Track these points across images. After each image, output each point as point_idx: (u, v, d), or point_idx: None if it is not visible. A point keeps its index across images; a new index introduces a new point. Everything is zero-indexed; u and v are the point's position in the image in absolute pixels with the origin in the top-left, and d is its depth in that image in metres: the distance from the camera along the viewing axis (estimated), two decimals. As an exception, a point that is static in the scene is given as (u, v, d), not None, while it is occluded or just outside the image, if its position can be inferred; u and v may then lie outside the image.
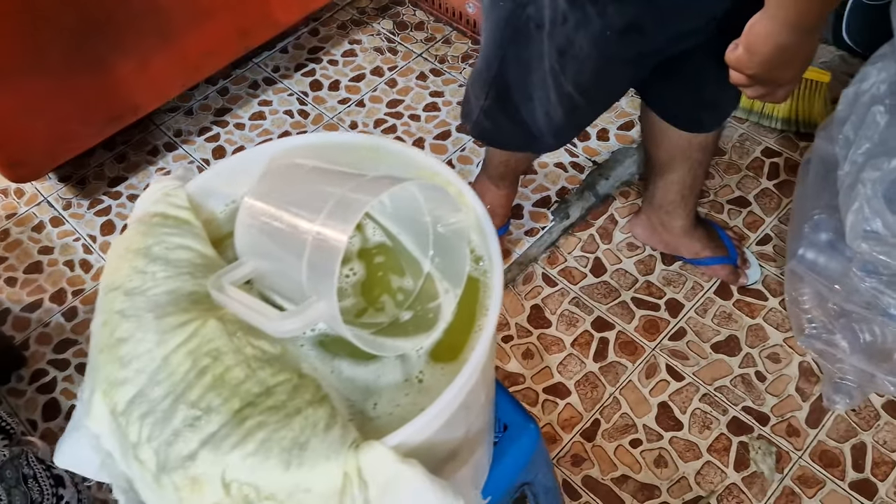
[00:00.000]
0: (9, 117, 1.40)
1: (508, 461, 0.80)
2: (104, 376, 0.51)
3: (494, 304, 0.54)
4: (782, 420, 1.34)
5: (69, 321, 1.51)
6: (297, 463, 0.47)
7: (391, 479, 0.48)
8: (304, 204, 0.54)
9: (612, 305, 1.48)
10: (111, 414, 0.51)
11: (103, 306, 0.54)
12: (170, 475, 0.47)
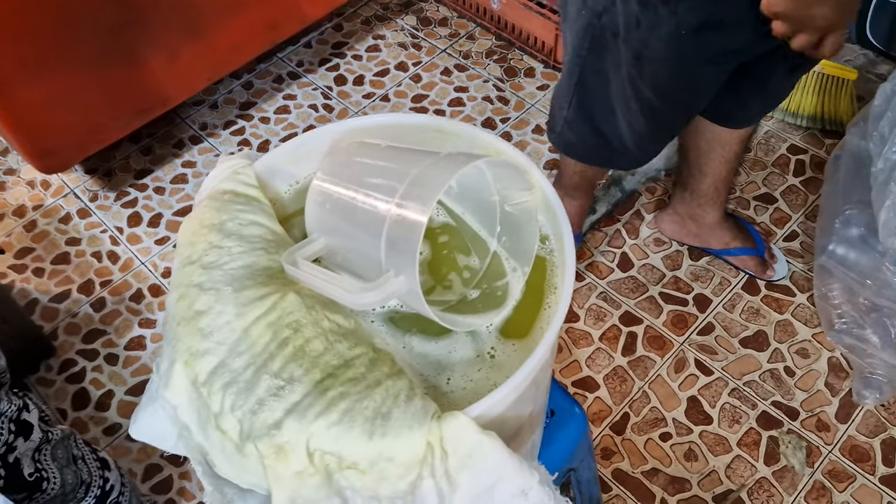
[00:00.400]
0: (41, 108, 1.41)
1: (557, 446, 0.81)
2: (185, 347, 0.51)
3: (567, 282, 0.54)
4: (812, 415, 1.34)
5: (97, 312, 1.52)
6: (381, 432, 0.48)
7: (472, 450, 0.48)
8: (378, 182, 0.54)
9: (639, 300, 1.48)
10: (192, 384, 0.51)
11: (180, 280, 0.54)
12: (255, 443, 0.48)
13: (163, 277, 1.55)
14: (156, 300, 1.52)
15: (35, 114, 1.41)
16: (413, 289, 0.50)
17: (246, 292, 0.52)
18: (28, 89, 1.37)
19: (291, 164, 0.65)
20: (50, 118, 1.44)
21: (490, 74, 1.86)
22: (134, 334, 1.48)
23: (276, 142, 1.77)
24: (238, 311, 0.52)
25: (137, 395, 1.40)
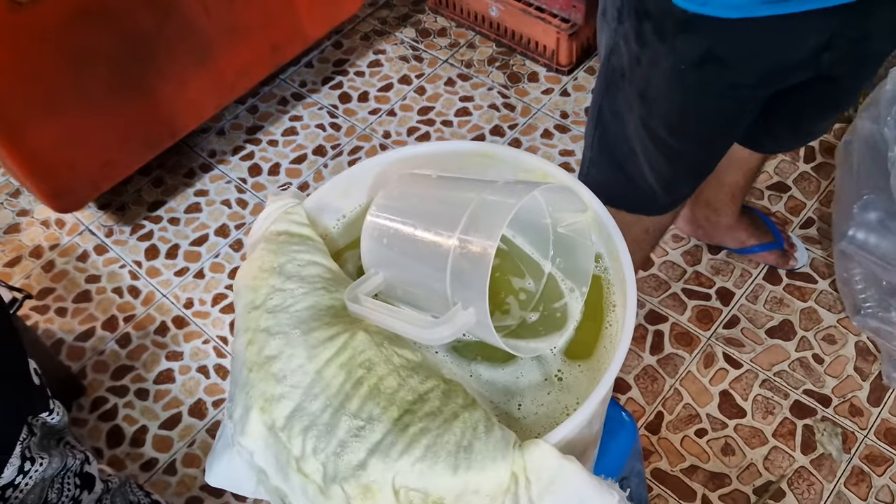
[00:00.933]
0: (54, 149, 1.41)
1: (610, 457, 0.81)
2: (259, 393, 0.51)
3: (630, 300, 0.55)
4: (844, 400, 1.34)
5: (123, 348, 1.52)
6: (466, 465, 0.48)
7: (554, 476, 0.48)
8: (437, 214, 0.54)
9: (663, 298, 1.49)
10: (269, 430, 0.51)
11: (247, 325, 0.54)
12: (341, 485, 0.48)
13: (185, 308, 1.56)
14: (181, 332, 1.53)
15: (48, 154, 1.42)
16: (483, 321, 0.51)
17: (314, 334, 0.53)
18: (40, 130, 1.37)
19: (339, 199, 0.65)
20: (63, 158, 1.44)
21: (494, 82, 1.87)
22: (162, 368, 1.48)
23: (286, 164, 1.77)
24: (309, 354, 0.52)
25: (171, 429, 1.40)
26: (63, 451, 0.79)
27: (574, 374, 0.57)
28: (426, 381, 0.53)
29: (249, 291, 0.56)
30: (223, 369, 1.47)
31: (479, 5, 1.90)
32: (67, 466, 0.76)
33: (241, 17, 1.55)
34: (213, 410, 1.42)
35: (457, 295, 0.52)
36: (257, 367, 0.53)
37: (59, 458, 0.76)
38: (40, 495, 0.73)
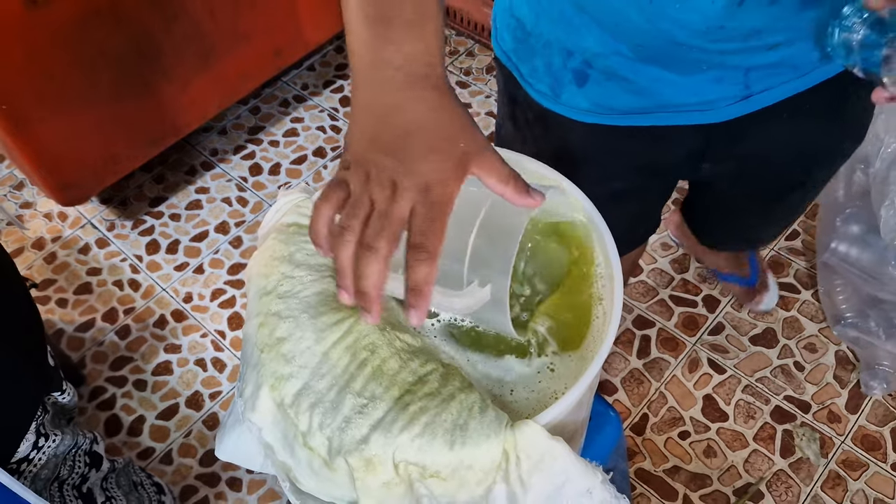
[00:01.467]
0: (61, 142, 1.45)
1: (595, 449, 0.85)
2: (270, 372, 0.55)
3: (618, 294, 0.59)
4: (823, 407, 1.39)
5: (123, 339, 1.55)
6: (461, 442, 0.52)
7: (543, 454, 0.52)
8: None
9: (650, 304, 1.53)
10: (278, 407, 0.55)
11: (258, 309, 0.58)
12: (345, 458, 0.52)
13: (184, 302, 1.59)
14: (179, 325, 1.56)
15: (55, 148, 1.45)
16: (499, 296, 0.54)
17: (322, 318, 0.57)
18: (47, 125, 1.41)
19: (346, 195, 0.69)
20: (69, 151, 1.48)
21: (492, 90, 1.91)
22: (160, 359, 1.51)
23: (286, 164, 1.81)
24: (317, 337, 0.56)
25: (168, 420, 1.43)
26: (74, 430, 0.83)
27: (566, 364, 0.61)
28: (426, 365, 0.56)
29: (261, 278, 0.60)
30: (220, 362, 1.51)
31: (480, 15, 1.95)
32: (78, 444, 0.80)
33: (245, 21, 1.59)
34: (210, 402, 1.46)
35: (474, 274, 0.55)
36: (268, 348, 0.56)
37: (71, 435, 0.80)
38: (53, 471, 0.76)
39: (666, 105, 0.73)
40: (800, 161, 0.86)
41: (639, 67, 0.70)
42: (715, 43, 0.65)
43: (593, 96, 0.75)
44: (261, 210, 1.74)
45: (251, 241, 1.68)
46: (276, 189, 1.78)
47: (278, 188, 1.78)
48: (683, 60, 0.68)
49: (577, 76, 0.74)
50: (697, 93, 0.72)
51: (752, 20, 0.63)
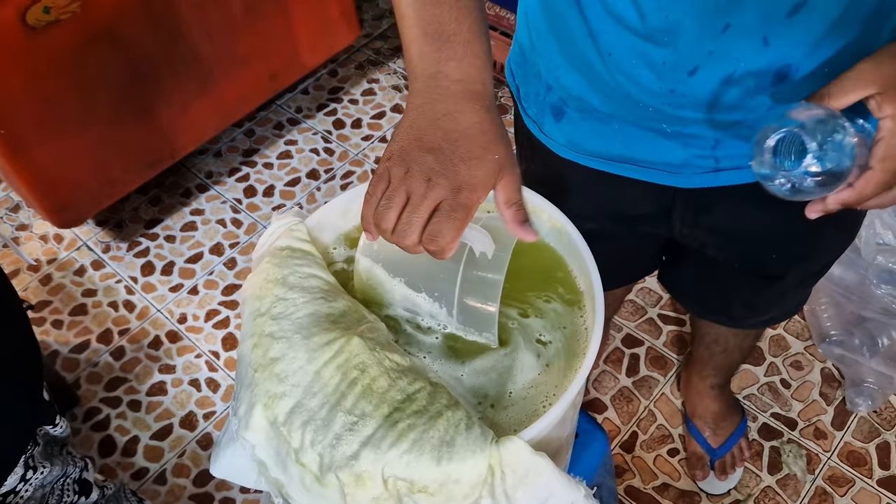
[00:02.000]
0: (58, 165, 1.47)
1: (582, 465, 0.87)
2: (263, 391, 0.57)
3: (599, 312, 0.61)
4: (809, 424, 1.41)
5: (117, 360, 1.56)
6: (448, 458, 0.54)
7: (528, 469, 0.54)
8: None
9: (639, 322, 1.56)
10: (271, 425, 0.57)
11: (252, 330, 0.60)
12: (335, 473, 0.54)
13: (179, 323, 1.61)
14: (174, 346, 1.57)
15: (53, 171, 1.47)
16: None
17: (314, 339, 0.59)
18: (45, 148, 1.43)
19: (338, 219, 0.71)
20: (66, 175, 1.50)
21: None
22: (155, 380, 1.53)
23: (280, 186, 1.84)
24: (309, 357, 0.58)
25: (162, 440, 1.44)
26: (65, 458, 0.84)
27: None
28: (414, 383, 0.59)
29: (255, 300, 0.62)
30: (214, 382, 1.52)
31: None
32: (67, 474, 0.81)
33: (243, 45, 1.62)
34: (204, 422, 1.47)
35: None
36: (262, 367, 0.58)
37: (60, 465, 0.81)
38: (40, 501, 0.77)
39: (634, 158, 0.74)
40: (773, 250, 0.84)
41: (608, 116, 0.72)
42: (672, 107, 0.67)
43: (567, 133, 0.77)
44: (255, 231, 1.76)
45: (245, 262, 1.70)
46: (271, 211, 1.80)
47: (272, 210, 1.80)
48: (646, 118, 0.69)
49: (554, 111, 0.77)
50: (663, 153, 0.72)
51: (703, 91, 0.64)
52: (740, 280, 0.93)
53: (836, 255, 0.92)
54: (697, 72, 0.63)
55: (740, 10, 0.58)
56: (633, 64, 0.65)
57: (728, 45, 0.61)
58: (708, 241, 0.86)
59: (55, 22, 1.29)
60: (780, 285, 0.92)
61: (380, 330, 0.63)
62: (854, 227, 0.89)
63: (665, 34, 0.62)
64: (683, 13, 0.60)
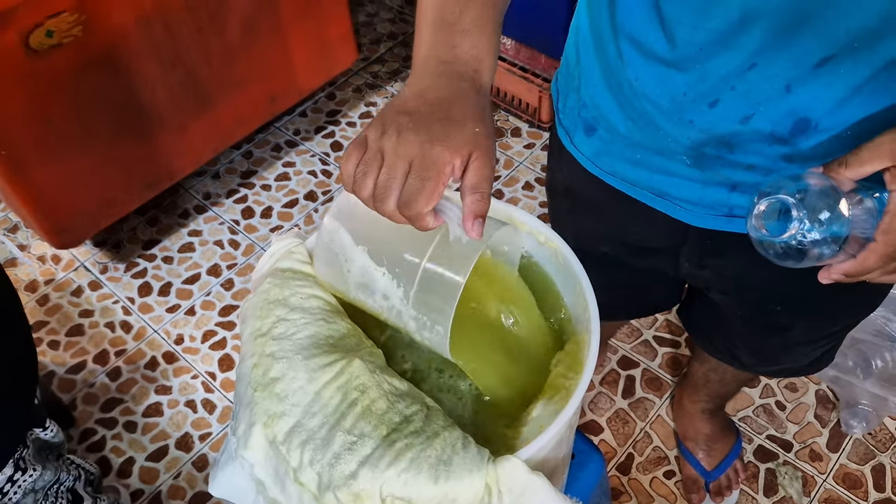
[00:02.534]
0: (58, 187, 1.48)
1: (579, 486, 0.87)
2: (263, 410, 0.58)
3: (594, 336, 0.62)
4: (805, 446, 1.41)
5: (113, 381, 1.56)
6: (445, 477, 0.54)
7: (524, 489, 0.55)
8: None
9: (635, 344, 1.56)
10: (270, 444, 0.57)
11: (253, 350, 0.61)
12: (334, 492, 0.54)
13: (175, 344, 1.61)
14: (170, 367, 1.57)
15: (52, 193, 1.48)
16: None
17: (315, 359, 0.59)
18: (45, 170, 1.44)
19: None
20: (66, 196, 1.51)
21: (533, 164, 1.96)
22: (151, 401, 1.53)
23: (278, 208, 1.85)
24: (309, 377, 0.58)
25: (157, 461, 1.44)
26: (59, 465, 0.84)
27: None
28: (411, 406, 0.59)
29: (256, 320, 0.63)
30: (210, 403, 1.52)
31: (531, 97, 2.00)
32: (61, 481, 0.81)
33: (241, 69, 1.64)
34: (200, 444, 1.46)
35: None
36: (262, 387, 0.59)
37: (53, 471, 0.81)
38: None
39: (653, 187, 0.75)
40: (778, 302, 0.84)
41: (634, 143, 0.73)
42: (692, 140, 0.68)
43: (596, 149, 0.79)
44: (252, 253, 1.77)
45: (243, 283, 1.71)
46: (268, 232, 1.81)
47: (270, 231, 1.81)
48: (668, 149, 0.70)
49: (586, 126, 0.79)
50: (682, 188, 0.73)
51: (722, 127, 0.65)
52: (744, 327, 0.94)
53: (855, 318, 0.90)
54: (718, 105, 0.64)
55: (769, 52, 0.59)
56: (658, 92, 0.66)
57: (752, 84, 0.62)
58: (713, 283, 0.86)
59: (57, 45, 1.31)
60: (785, 337, 0.91)
61: (378, 353, 0.64)
62: (877, 294, 0.86)
63: (693, 62, 0.63)
64: (716, 45, 0.61)
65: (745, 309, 0.89)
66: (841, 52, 0.57)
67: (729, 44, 0.60)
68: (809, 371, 1.04)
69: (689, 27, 0.62)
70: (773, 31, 0.58)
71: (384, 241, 0.60)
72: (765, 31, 0.58)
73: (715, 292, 0.89)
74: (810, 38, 0.57)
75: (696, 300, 1.02)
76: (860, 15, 0.55)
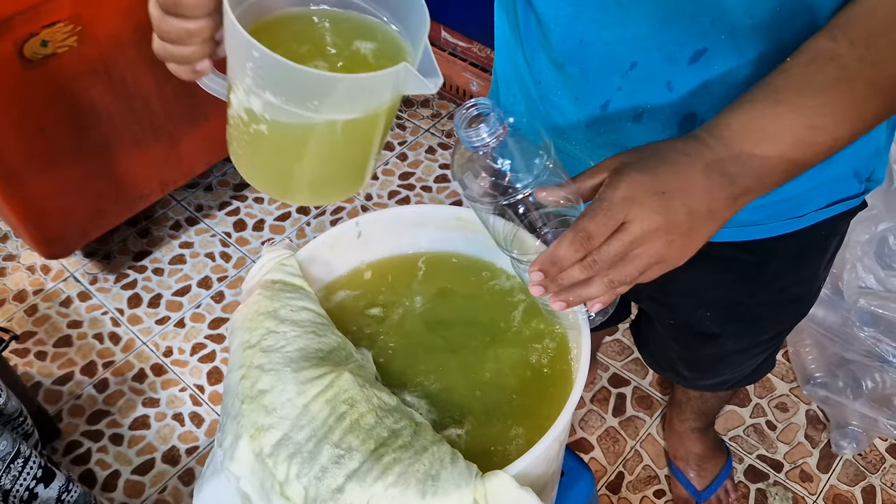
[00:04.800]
0: (48, 198, 1.47)
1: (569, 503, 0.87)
2: (250, 423, 0.57)
3: (585, 351, 0.62)
4: (795, 466, 1.41)
5: (101, 393, 1.55)
6: (433, 491, 0.54)
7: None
8: None
9: (626, 362, 1.56)
10: (256, 457, 0.57)
11: (241, 362, 0.61)
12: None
13: (164, 356, 1.60)
14: (158, 379, 1.56)
15: (43, 203, 1.47)
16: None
17: (304, 372, 0.59)
18: (37, 179, 1.43)
19: (328, 252, 0.72)
20: (57, 206, 1.50)
21: (472, 152, 1.97)
22: (138, 414, 1.51)
23: (270, 221, 1.84)
24: (298, 390, 0.58)
25: (143, 475, 1.42)
26: (15, 437, 0.83)
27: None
28: (399, 421, 0.59)
29: (246, 332, 0.62)
30: (198, 417, 1.50)
31: (461, 80, 2.02)
32: (21, 452, 0.80)
33: (236, 81, 1.64)
34: (187, 457, 1.45)
35: None
36: (249, 399, 0.58)
37: (11, 442, 0.80)
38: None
39: None
40: (707, 308, 0.84)
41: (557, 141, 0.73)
42: (593, 143, 0.68)
43: None
44: (244, 265, 1.76)
45: (233, 295, 1.70)
46: (260, 245, 1.80)
47: (261, 244, 1.81)
48: (574, 151, 0.70)
49: None
50: None
51: (616, 129, 0.65)
52: (678, 338, 0.95)
53: (782, 326, 0.91)
54: (609, 106, 0.64)
55: (645, 50, 0.59)
56: (558, 94, 0.67)
57: (636, 84, 0.62)
58: (643, 291, 0.86)
59: (52, 55, 1.31)
60: (718, 346, 0.91)
61: (367, 368, 0.64)
62: (803, 302, 0.87)
63: (574, 64, 0.63)
64: (590, 47, 0.61)
65: (675, 316, 0.90)
66: (711, 45, 0.57)
67: (606, 44, 0.60)
68: (752, 380, 1.05)
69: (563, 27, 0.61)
70: (646, 27, 0.58)
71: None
72: (639, 27, 0.58)
73: (645, 301, 0.90)
74: (679, 31, 0.57)
75: (641, 316, 1.02)
76: (720, 7, 0.54)
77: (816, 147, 0.51)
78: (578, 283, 0.52)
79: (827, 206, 0.71)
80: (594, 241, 0.50)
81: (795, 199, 0.69)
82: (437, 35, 2.02)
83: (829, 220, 0.73)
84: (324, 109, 0.50)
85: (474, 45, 1.93)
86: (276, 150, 0.55)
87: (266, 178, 0.59)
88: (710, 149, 0.51)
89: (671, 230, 0.50)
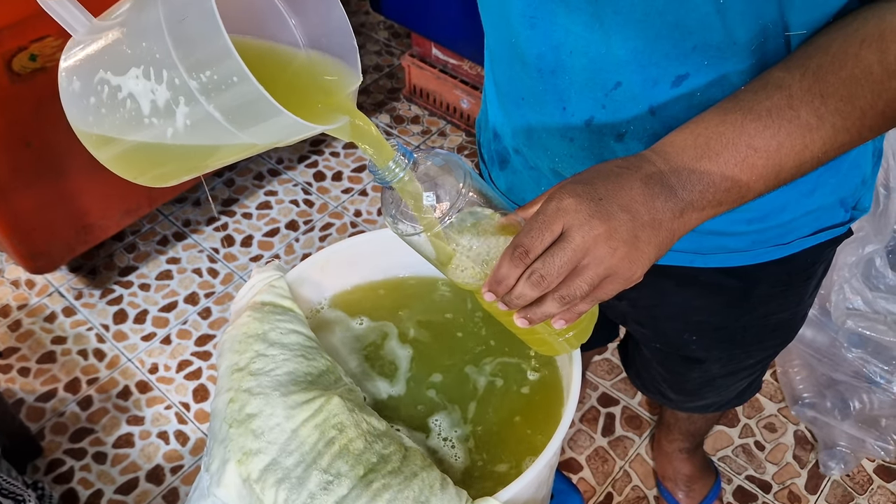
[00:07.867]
0: (35, 212, 1.46)
1: (558, 527, 0.86)
2: (238, 447, 0.56)
3: (576, 375, 0.62)
4: (783, 487, 1.41)
5: (84, 410, 1.53)
6: (423, 520, 0.53)
7: (503, 533, 0.54)
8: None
9: (615, 381, 1.56)
10: (244, 482, 0.56)
11: (229, 385, 0.60)
12: (309, 535, 0.53)
13: (150, 373, 1.58)
14: (143, 397, 1.54)
15: (29, 217, 1.46)
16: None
17: (293, 396, 0.58)
18: (23, 193, 1.42)
19: (318, 273, 0.72)
20: (43, 221, 1.49)
21: (462, 169, 1.97)
22: (122, 432, 1.49)
23: (259, 237, 1.83)
24: (287, 414, 0.57)
25: (127, 494, 1.40)
26: None
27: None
28: (389, 447, 0.58)
29: (234, 354, 0.62)
30: (183, 435, 1.49)
31: (452, 97, 2.03)
32: None
33: (226, 97, 1.64)
34: (171, 477, 1.43)
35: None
36: (237, 423, 0.58)
37: None
38: None
39: None
40: (693, 332, 0.85)
41: (536, 167, 0.72)
42: (579, 162, 0.67)
43: (510, 182, 0.79)
44: (231, 282, 1.75)
45: (220, 312, 1.69)
46: (248, 261, 1.79)
47: (250, 260, 1.80)
48: (563, 172, 0.69)
49: (500, 158, 0.78)
50: None
51: (600, 146, 0.64)
52: (663, 361, 0.95)
53: (768, 351, 0.91)
54: (593, 122, 0.63)
55: (629, 72, 0.58)
56: (543, 111, 0.66)
57: (619, 104, 0.61)
58: (629, 315, 0.87)
59: (40, 69, 1.30)
60: (703, 370, 0.92)
61: (356, 392, 0.63)
62: (788, 328, 0.87)
63: (565, 74, 0.62)
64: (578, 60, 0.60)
65: (660, 340, 0.90)
66: (693, 70, 0.57)
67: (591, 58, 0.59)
68: (737, 403, 1.06)
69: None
70: (629, 50, 0.57)
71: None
72: (621, 49, 0.57)
73: (631, 324, 0.90)
74: (661, 55, 0.57)
75: (627, 338, 1.02)
76: (702, 32, 0.54)
77: (759, 169, 0.51)
78: (535, 302, 0.52)
79: (813, 233, 0.71)
80: (532, 254, 0.50)
81: (782, 227, 0.70)
82: (427, 52, 2.03)
83: (816, 248, 0.73)
84: (255, 135, 0.46)
85: (465, 63, 1.94)
86: (166, 151, 0.49)
87: (128, 164, 0.53)
88: (650, 162, 0.52)
89: (612, 236, 0.49)
